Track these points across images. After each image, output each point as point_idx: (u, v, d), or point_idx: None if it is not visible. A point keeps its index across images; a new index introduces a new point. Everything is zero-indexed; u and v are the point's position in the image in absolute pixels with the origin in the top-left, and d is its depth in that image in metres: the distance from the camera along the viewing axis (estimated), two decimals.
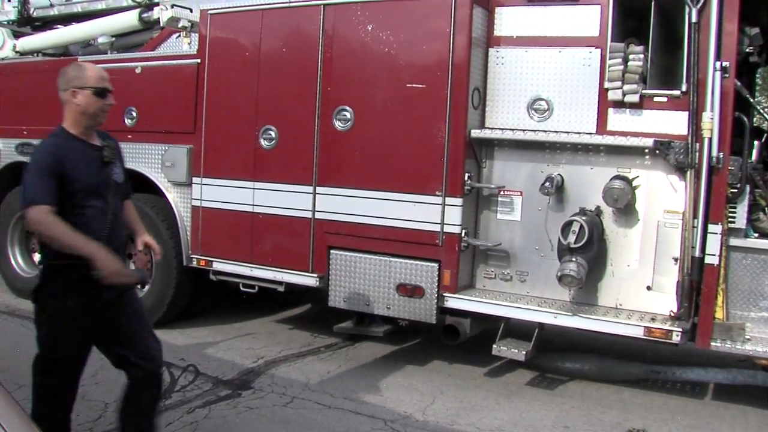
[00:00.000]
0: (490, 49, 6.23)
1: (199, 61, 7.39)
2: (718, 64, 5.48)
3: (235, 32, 7.21)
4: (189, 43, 7.88)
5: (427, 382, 6.38)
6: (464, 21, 6.04)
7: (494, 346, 6.09)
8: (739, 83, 5.64)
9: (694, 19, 5.58)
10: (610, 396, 6.29)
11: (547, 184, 5.85)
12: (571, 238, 5.65)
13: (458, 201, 6.06)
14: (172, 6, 8.01)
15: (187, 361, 6.54)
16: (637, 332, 5.68)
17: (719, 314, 5.65)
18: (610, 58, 5.80)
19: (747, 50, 5.77)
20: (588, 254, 5.72)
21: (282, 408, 5.73)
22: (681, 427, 5.78)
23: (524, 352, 6.02)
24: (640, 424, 5.72)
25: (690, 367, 6.40)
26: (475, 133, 6.09)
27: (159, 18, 8.18)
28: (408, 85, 6.19)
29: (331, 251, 6.56)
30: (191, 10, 7.92)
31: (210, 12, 7.33)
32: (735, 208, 5.61)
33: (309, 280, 6.78)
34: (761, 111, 6.54)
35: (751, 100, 5.88)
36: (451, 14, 6.07)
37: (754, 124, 6.81)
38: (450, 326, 6.24)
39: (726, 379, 6.27)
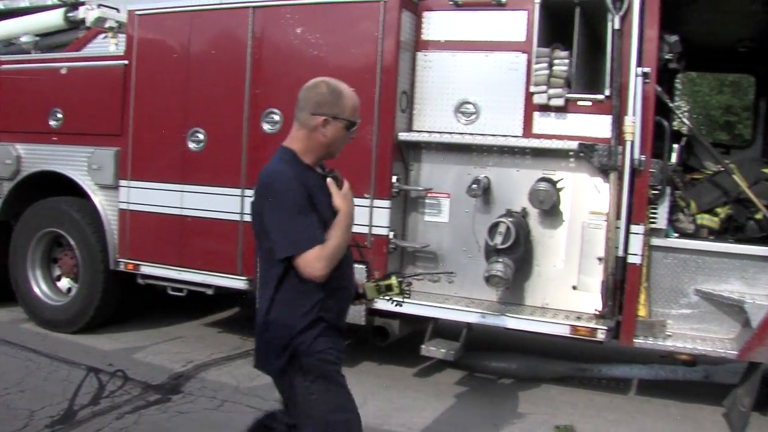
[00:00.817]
0: (418, 52, 6.28)
1: (126, 62, 7.28)
2: (639, 69, 5.65)
3: (164, 33, 7.13)
4: (116, 44, 7.73)
5: (357, 384, 6.26)
6: (393, 25, 6.08)
7: (423, 346, 6.13)
8: (659, 88, 5.80)
9: (616, 26, 5.72)
10: (538, 394, 6.41)
11: (474, 186, 5.92)
12: (498, 239, 5.72)
13: (386, 203, 6.09)
14: (99, 6, 7.86)
15: (116, 366, 6.45)
16: (564, 331, 5.80)
17: (642, 312, 5.79)
18: (536, 63, 5.90)
19: (667, 57, 5.92)
20: (515, 255, 5.80)
21: (213, 412, 5.69)
22: (607, 422, 5.92)
23: (453, 352, 6.07)
24: (567, 420, 5.84)
25: (615, 364, 6.57)
26: (403, 136, 6.13)
27: (85, 18, 8.00)
28: None
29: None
30: (118, 11, 7.79)
31: (137, 13, 7.23)
32: (656, 209, 5.77)
33: (238, 282, 6.74)
34: (680, 115, 6.69)
35: (671, 104, 6.02)
36: (379, 18, 6.11)
37: (674, 128, 6.99)
38: (379, 327, 6.26)
39: (649, 374, 6.46)
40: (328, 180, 3.25)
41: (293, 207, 3.03)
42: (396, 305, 3.70)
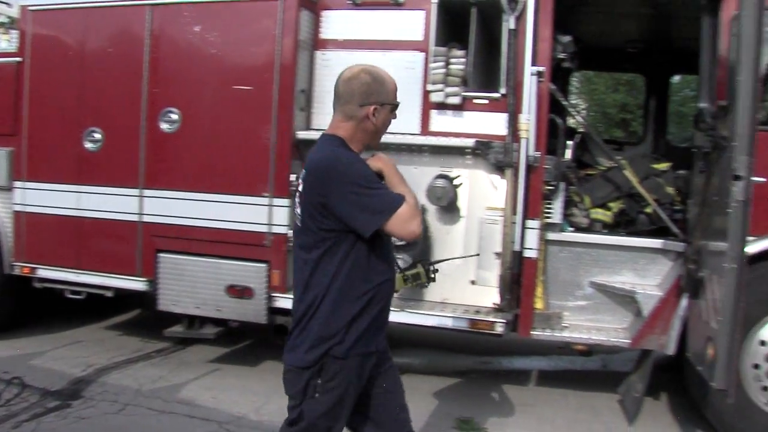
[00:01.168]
0: (316, 51, 6.28)
1: (20, 59, 7.07)
2: (533, 69, 5.78)
3: (58, 30, 6.96)
4: (9, 40, 7.49)
5: (260, 383, 6.35)
6: (291, 24, 6.08)
7: None
8: (553, 87, 5.94)
9: (512, 26, 5.84)
10: (440, 388, 6.49)
11: None
12: None
13: (285, 202, 6.08)
14: None
15: (12, 373, 6.23)
16: (463, 325, 5.88)
17: (539, 305, 5.93)
18: (432, 62, 5.98)
19: (560, 56, 6.07)
20: (413, 251, 5.85)
21: (114, 416, 5.58)
22: (506, 413, 6.05)
23: None
24: (469, 413, 5.93)
25: (516, 356, 6.69)
26: (302, 134, 6.13)
27: None
28: (234, 87, 6.12)
29: (159, 255, 6.42)
30: (10, 5, 7.54)
31: (31, 8, 7.03)
32: (551, 204, 5.91)
33: (137, 284, 6.62)
34: (574, 113, 6.87)
35: (565, 102, 6.18)
36: (278, 17, 6.10)
37: (569, 126, 7.19)
38: (281, 326, 6.23)
39: (549, 365, 6.65)
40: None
41: (364, 180, 2.99)
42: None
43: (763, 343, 5.52)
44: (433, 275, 3.74)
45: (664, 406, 6.38)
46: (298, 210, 3.15)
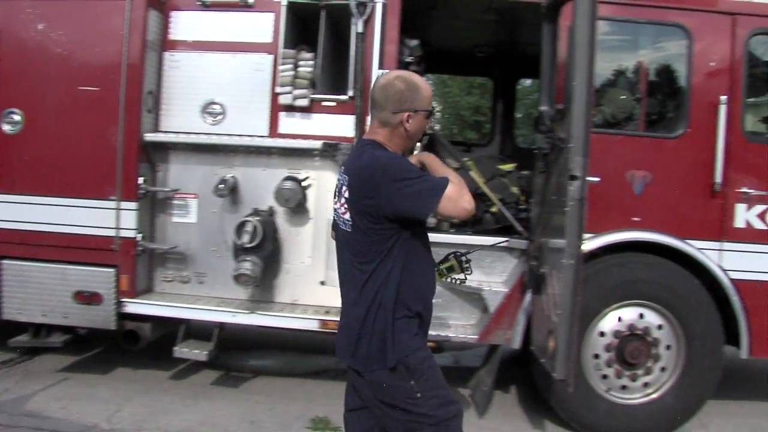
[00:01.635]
0: (165, 52, 6.20)
1: None
2: (380, 71, 5.84)
3: None
4: None
5: (111, 391, 6.25)
6: (138, 23, 5.99)
7: (175, 348, 6.10)
8: None
9: (359, 29, 5.92)
10: (295, 388, 6.52)
11: (221, 186, 5.93)
12: (246, 238, 5.77)
13: (133, 205, 6.00)
14: None
15: None
16: (313, 325, 5.95)
17: None
18: (281, 64, 6.01)
19: (407, 60, 6.18)
20: (262, 253, 5.88)
21: None
22: None
23: (206, 353, 6.07)
24: (323, 412, 5.97)
25: None
26: (149, 136, 6.06)
27: None
28: (80, 87, 6.00)
29: (3, 261, 6.23)
30: None
31: None
32: None
33: None
34: None
35: None
36: (125, 16, 6.00)
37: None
38: (130, 331, 6.15)
39: None
40: None
41: (407, 173, 3.06)
42: (460, 283, 3.92)
43: (602, 334, 5.79)
44: (467, 265, 3.78)
45: (513, 398, 6.59)
46: (347, 217, 3.20)
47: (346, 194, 3.16)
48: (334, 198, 3.33)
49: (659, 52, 6.29)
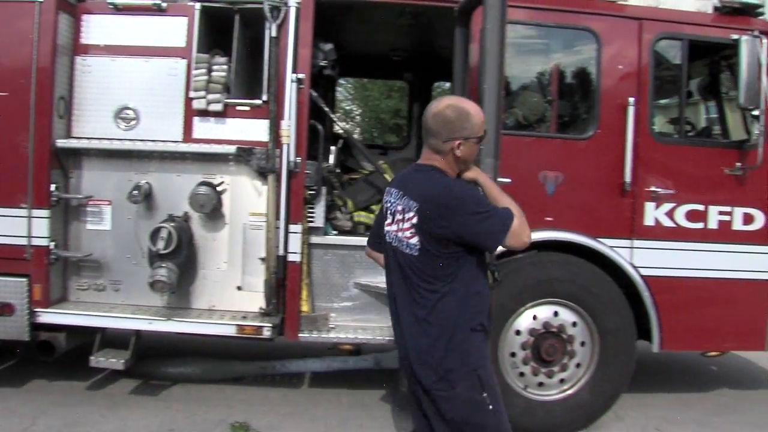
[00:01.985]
0: (77, 57, 6.10)
1: None
2: (294, 76, 5.85)
3: None
4: None
5: (26, 404, 6.13)
6: (49, 27, 5.88)
7: (92, 357, 6.01)
8: (314, 93, 6.05)
9: (273, 34, 5.93)
10: (214, 395, 6.50)
11: (135, 192, 5.87)
12: (161, 244, 5.72)
13: (45, 213, 5.89)
14: None
15: None
16: (230, 331, 5.92)
17: (305, 307, 6.04)
18: (195, 69, 5.97)
19: (322, 64, 6.20)
20: (178, 259, 5.85)
21: None
22: (281, 416, 6.12)
23: (123, 361, 6.00)
24: (243, 417, 5.97)
25: (291, 359, 6.77)
26: (61, 142, 5.95)
27: None
28: None
29: None
30: None
31: None
32: (313, 208, 6.02)
33: None
34: (335, 119, 7.02)
35: (326, 109, 6.30)
36: (34, 20, 5.88)
37: (334, 131, 7.35)
38: (44, 342, 6.04)
39: (322, 367, 6.77)
40: None
41: (479, 206, 3.25)
42: None
43: (518, 332, 5.90)
44: (498, 277, 3.74)
45: None
46: (413, 241, 3.32)
47: (415, 220, 3.26)
48: (386, 220, 3.49)
49: (570, 55, 6.43)
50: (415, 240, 3.30)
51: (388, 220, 3.47)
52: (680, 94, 6.27)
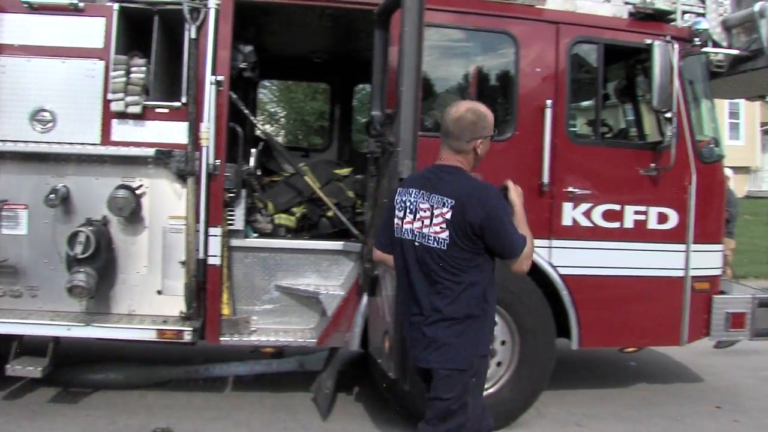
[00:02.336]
0: None
1: None
2: (213, 78, 5.83)
3: None
4: None
5: None
6: None
7: (8, 366, 5.88)
8: (234, 96, 6.02)
9: (192, 35, 5.88)
10: (136, 401, 6.41)
11: (52, 196, 5.77)
12: (78, 249, 5.64)
13: None
14: None
15: None
16: (151, 335, 5.87)
17: (226, 311, 6.01)
18: (113, 70, 5.88)
19: (242, 66, 6.17)
20: (97, 264, 5.76)
21: None
22: (204, 420, 6.08)
23: (41, 369, 5.88)
24: (165, 423, 5.93)
25: (213, 363, 6.74)
26: None
27: None
28: None
29: None
30: None
31: None
32: (233, 211, 5.99)
33: None
34: (255, 121, 7.00)
35: (246, 111, 6.27)
36: None
37: (256, 134, 7.33)
38: None
39: (245, 370, 6.77)
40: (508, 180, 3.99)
41: (505, 212, 3.71)
42: None
43: None
44: None
45: (356, 399, 6.68)
46: (443, 235, 3.65)
47: (449, 215, 3.59)
48: (408, 217, 3.80)
49: (489, 58, 6.52)
50: (445, 234, 3.62)
51: (408, 218, 3.77)
52: (597, 96, 6.37)
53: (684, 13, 6.58)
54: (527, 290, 6.04)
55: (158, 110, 5.96)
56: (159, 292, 6.00)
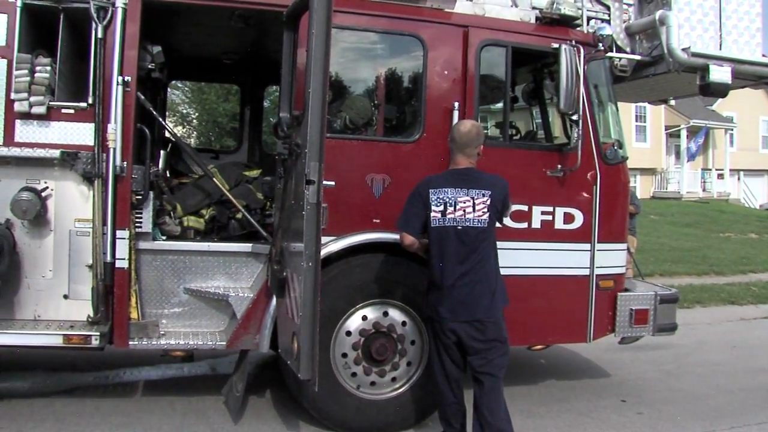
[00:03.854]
0: None
1: None
2: (120, 78, 5.75)
3: None
4: None
5: None
6: None
7: None
8: (142, 97, 5.94)
9: (99, 35, 5.78)
10: (42, 410, 6.25)
11: None
12: None
13: None
14: None
15: None
16: (57, 341, 5.74)
17: (134, 314, 5.93)
18: (16, 69, 5.74)
19: (149, 66, 6.10)
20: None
21: None
22: (113, 426, 5.99)
23: None
24: (73, 431, 5.85)
25: (123, 368, 6.66)
26: None
27: None
28: None
29: None
30: None
31: None
32: (141, 213, 5.92)
33: None
34: (164, 123, 6.95)
35: (154, 112, 6.21)
36: None
37: (166, 135, 7.28)
38: None
39: (157, 375, 6.69)
40: None
41: None
42: None
43: (348, 333, 6.01)
44: None
45: (268, 401, 6.69)
46: (484, 217, 5.10)
47: (488, 201, 5.04)
48: (449, 209, 5.10)
49: (397, 61, 6.59)
50: (486, 216, 5.03)
51: (449, 210, 5.05)
52: (504, 99, 6.50)
53: (589, 19, 6.77)
54: None
55: (64, 111, 5.83)
56: (65, 297, 5.88)
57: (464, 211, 4.97)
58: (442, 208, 5.04)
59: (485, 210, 4.97)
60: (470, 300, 5.00)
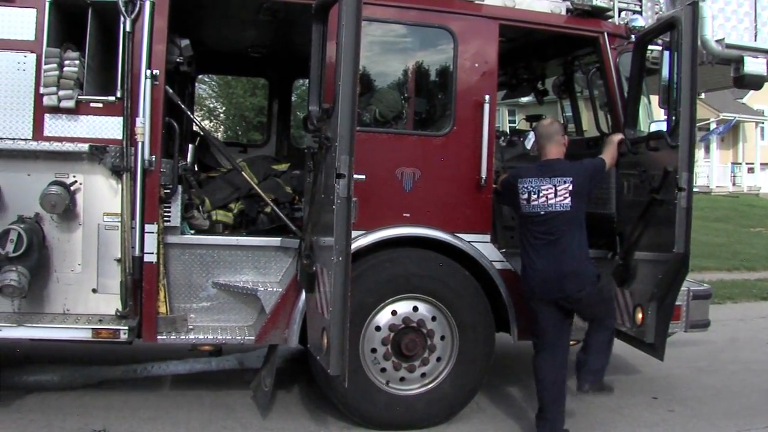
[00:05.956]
0: None
1: None
2: (149, 72, 5.72)
3: None
4: None
5: None
6: None
7: None
8: (170, 90, 5.92)
9: (128, 29, 5.75)
10: (72, 402, 6.28)
11: None
12: (9, 247, 5.49)
13: None
14: None
15: None
16: (86, 335, 5.73)
17: (163, 309, 5.91)
18: (45, 64, 5.73)
19: (177, 60, 6.08)
20: (29, 262, 5.61)
21: None
22: (141, 420, 5.99)
23: None
24: (101, 425, 5.83)
25: (152, 362, 6.65)
26: None
27: None
28: None
29: None
30: None
31: None
32: (169, 207, 5.90)
33: None
34: (193, 116, 6.92)
35: (182, 106, 6.19)
36: None
37: (193, 129, 7.25)
38: None
39: (185, 369, 6.68)
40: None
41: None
42: None
43: (378, 328, 5.94)
44: None
45: (296, 396, 6.65)
46: (566, 202, 5.51)
47: (571, 187, 5.44)
48: (533, 197, 5.58)
49: (428, 53, 6.52)
50: (568, 200, 5.44)
51: (533, 197, 5.54)
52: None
53: (621, 10, 6.65)
54: (466, 286, 6.05)
55: (92, 105, 5.81)
56: (94, 291, 5.87)
57: (546, 197, 5.43)
58: (526, 196, 5.52)
59: (566, 195, 5.39)
60: (557, 278, 5.48)
